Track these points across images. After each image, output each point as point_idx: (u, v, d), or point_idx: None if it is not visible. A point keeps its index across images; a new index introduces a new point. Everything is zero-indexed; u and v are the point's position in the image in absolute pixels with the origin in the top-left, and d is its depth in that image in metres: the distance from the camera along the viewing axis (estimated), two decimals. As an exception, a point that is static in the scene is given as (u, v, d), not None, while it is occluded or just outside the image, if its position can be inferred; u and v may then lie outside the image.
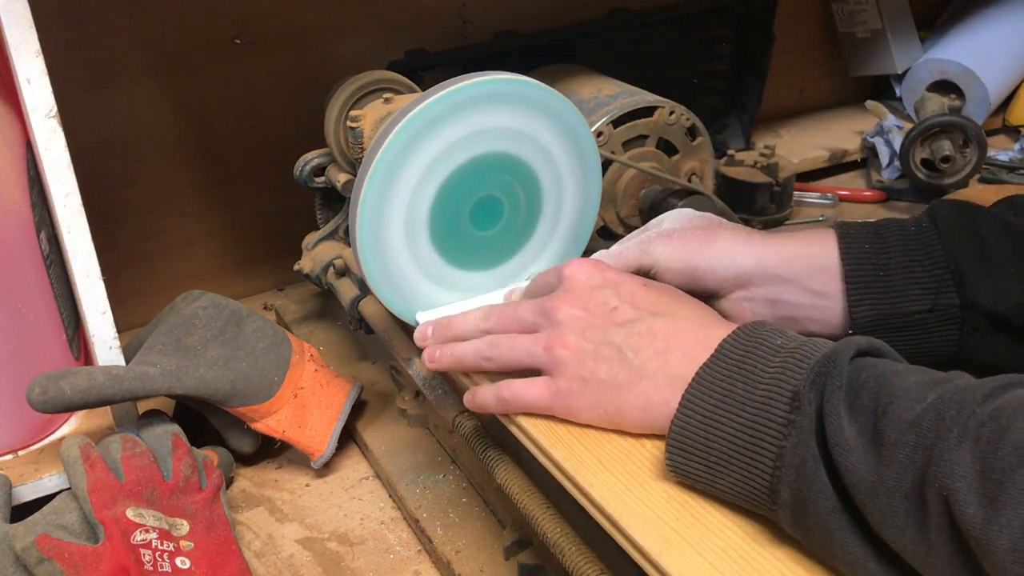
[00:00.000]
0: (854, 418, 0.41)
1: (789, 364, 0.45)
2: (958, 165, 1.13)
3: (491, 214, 0.69)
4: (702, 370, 0.47)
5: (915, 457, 0.38)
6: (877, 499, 0.39)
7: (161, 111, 0.95)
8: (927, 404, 0.39)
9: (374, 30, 1.01)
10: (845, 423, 0.40)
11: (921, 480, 0.37)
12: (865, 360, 0.44)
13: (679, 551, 0.44)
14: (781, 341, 0.46)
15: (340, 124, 0.83)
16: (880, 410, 0.40)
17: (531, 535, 0.63)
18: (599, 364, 0.51)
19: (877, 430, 0.40)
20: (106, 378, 0.68)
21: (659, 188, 0.91)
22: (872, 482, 0.39)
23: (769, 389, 0.44)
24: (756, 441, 0.44)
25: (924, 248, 0.57)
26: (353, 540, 0.72)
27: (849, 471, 0.40)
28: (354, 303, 0.82)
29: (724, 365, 0.47)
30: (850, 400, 0.41)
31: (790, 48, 1.26)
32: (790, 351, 0.45)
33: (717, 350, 0.47)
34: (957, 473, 0.36)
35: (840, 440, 0.40)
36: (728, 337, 0.48)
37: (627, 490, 0.48)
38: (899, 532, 0.38)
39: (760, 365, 0.46)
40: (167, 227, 1.00)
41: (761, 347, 0.46)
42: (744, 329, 0.48)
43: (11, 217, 0.69)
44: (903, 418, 0.39)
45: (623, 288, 0.54)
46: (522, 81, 0.65)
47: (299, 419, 0.76)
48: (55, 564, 0.59)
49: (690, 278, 0.60)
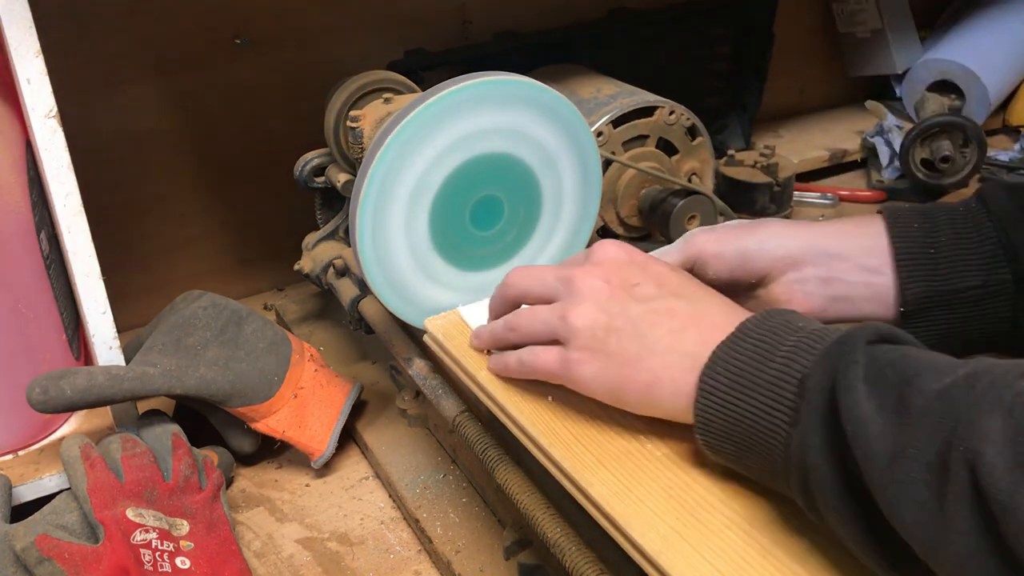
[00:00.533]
0: (875, 392, 0.39)
1: (803, 345, 0.44)
2: (958, 165, 1.13)
3: (491, 214, 0.69)
4: (719, 349, 0.46)
5: (941, 425, 0.36)
6: (896, 470, 0.37)
7: (161, 111, 0.95)
8: (958, 376, 0.38)
9: (374, 30, 1.01)
10: (862, 396, 0.39)
11: (946, 447, 0.36)
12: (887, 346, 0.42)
13: (679, 550, 0.44)
14: (802, 324, 0.46)
15: (340, 124, 0.83)
16: (905, 382, 0.39)
17: (531, 535, 0.63)
18: (610, 336, 0.50)
19: (902, 400, 0.39)
20: (106, 378, 0.68)
21: (659, 188, 0.91)
22: (891, 452, 0.37)
23: (780, 370, 0.44)
24: (769, 423, 0.44)
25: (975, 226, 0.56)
26: (353, 540, 0.72)
27: (865, 441, 0.38)
28: (354, 303, 0.82)
29: (741, 345, 0.46)
30: (872, 375, 0.40)
31: (790, 48, 1.26)
32: (807, 333, 0.45)
33: (738, 329, 0.47)
34: (987, 439, 0.34)
35: (856, 413, 0.39)
36: (749, 319, 0.47)
37: (627, 490, 0.48)
38: (917, 506, 0.36)
39: (775, 345, 0.45)
40: (167, 227, 1.00)
41: (780, 328, 0.46)
42: (766, 312, 0.47)
43: (11, 217, 0.69)
44: (931, 388, 0.38)
45: (650, 268, 0.53)
46: (522, 81, 0.65)
47: (299, 419, 0.77)
48: (55, 564, 0.59)
49: (740, 261, 0.58)
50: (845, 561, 0.43)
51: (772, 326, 0.46)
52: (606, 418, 0.54)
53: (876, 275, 0.57)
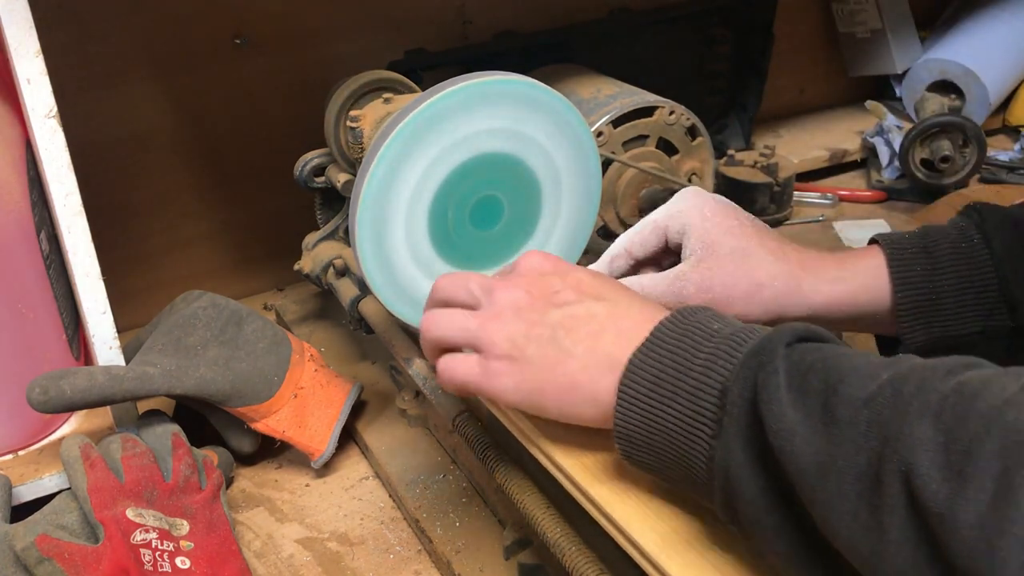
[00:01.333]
0: (800, 401, 0.39)
1: (720, 352, 0.43)
2: (957, 165, 1.14)
3: (491, 214, 0.69)
4: (636, 355, 0.46)
5: (870, 435, 0.36)
6: (826, 483, 0.36)
7: (161, 111, 0.95)
8: (882, 381, 0.37)
9: (374, 30, 1.01)
10: (787, 408, 0.38)
11: (877, 459, 0.35)
12: (807, 345, 0.42)
13: (679, 551, 0.44)
14: (718, 326, 0.45)
15: (340, 124, 0.83)
16: (830, 389, 0.38)
17: (531, 535, 0.63)
18: (529, 343, 0.49)
19: (827, 410, 0.38)
20: (106, 378, 0.68)
21: (659, 188, 0.91)
22: (821, 465, 0.37)
23: (699, 379, 0.43)
24: (689, 435, 0.43)
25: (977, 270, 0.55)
26: (353, 540, 0.72)
27: (794, 456, 0.37)
28: (354, 303, 0.82)
29: (658, 351, 0.45)
30: (796, 383, 0.39)
31: (790, 48, 1.26)
32: (724, 337, 0.44)
33: (651, 334, 0.46)
34: (918, 447, 0.33)
35: (782, 425, 0.38)
36: (663, 320, 0.46)
37: (627, 490, 0.48)
38: (849, 518, 0.35)
39: (692, 351, 0.44)
40: (167, 227, 1.00)
41: (696, 332, 0.45)
42: (681, 312, 0.47)
43: (11, 217, 0.69)
44: (856, 396, 0.37)
45: (570, 275, 0.53)
46: (522, 81, 0.65)
47: (299, 419, 0.76)
48: (55, 564, 0.59)
49: None
50: (845, 561, 0.43)
51: (687, 329, 0.45)
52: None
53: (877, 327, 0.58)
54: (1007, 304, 0.55)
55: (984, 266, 0.55)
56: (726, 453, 0.41)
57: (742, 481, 0.40)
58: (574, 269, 0.54)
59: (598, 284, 0.52)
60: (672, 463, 0.44)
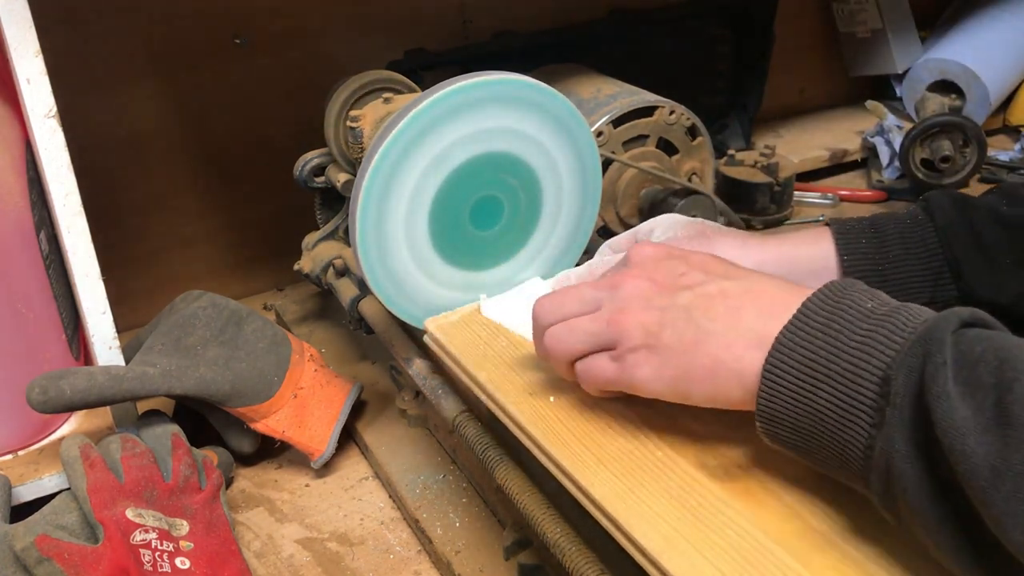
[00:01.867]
0: (970, 395, 0.37)
1: (878, 334, 0.41)
2: (957, 165, 1.13)
3: (491, 214, 0.69)
4: (783, 334, 0.44)
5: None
6: (1002, 487, 0.35)
7: (161, 111, 0.95)
8: None
9: (374, 30, 1.01)
10: (957, 403, 0.37)
11: None
12: (975, 331, 0.40)
13: (680, 551, 0.44)
14: (872, 305, 0.43)
15: (340, 124, 0.83)
16: (1004, 386, 0.36)
17: (531, 535, 0.63)
18: (664, 329, 0.48)
19: (1001, 406, 0.36)
20: (106, 378, 0.68)
21: (659, 188, 0.91)
22: (995, 467, 0.35)
23: (855, 362, 0.41)
24: (845, 421, 0.41)
25: (921, 241, 0.56)
26: (353, 540, 0.72)
27: (965, 456, 0.36)
28: (354, 303, 0.82)
29: (807, 329, 0.43)
30: (964, 375, 0.38)
31: (790, 48, 1.26)
32: (880, 317, 0.42)
33: (800, 311, 0.44)
34: None
35: (952, 423, 0.36)
36: (813, 296, 0.44)
37: (628, 490, 0.48)
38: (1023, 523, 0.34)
39: (847, 331, 0.42)
40: (167, 227, 1.00)
41: (849, 310, 0.43)
42: (831, 287, 0.45)
43: (11, 217, 0.69)
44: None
45: (692, 257, 0.51)
46: (522, 81, 0.65)
47: (299, 419, 0.76)
48: (55, 564, 0.59)
49: None
50: (847, 560, 0.43)
51: (839, 306, 0.43)
52: (607, 418, 0.54)
53: None
54: (952, 272, 0.55)
55: (929, 238, 0.56)
56: (889, 445, 0.39)
57: (906, 474, 0.39)
58: (694, 252, 0.52)
59: (725, 265, 0.51)
60: (822, 446, 0.43)
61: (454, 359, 0.62)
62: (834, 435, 0.42)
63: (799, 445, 0.44)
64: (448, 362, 0.63)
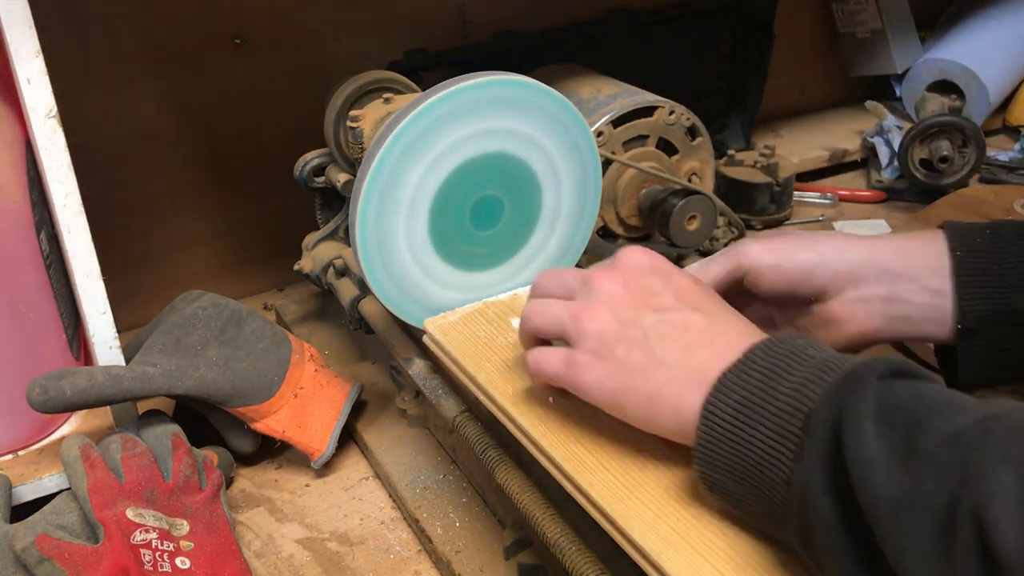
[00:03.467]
0: (883, 433, 0.37)
1: (812, 376, 0.42)
2: (956, 165, 1.14)
3: (491, 214, 0.69)
4: (725, 375, 0.44)
5: (950, 473, 0.35)
6: (901, 520, 0.35)
7: (161, 111, 0.95)
8: (971, 420, 0.36)
9: (374, 30, 1.01)
10: (870, 437, 0.37)
11: (954, 500, 0.34)
12: (902, 381, 0.40)
13: (679, 551, 0.44)
14: (813, 352, 0.44)
15: (340, 124, 0.83)
16: (916, 424, 0.37)
17: (531, 535, 0.63)
18: (620, 343, 0.48)
19: (910, 442, 0.37)
20: (106, 378, 0.68)
21: (659, 188, 0.92)
22: (897, 499, 0.36)
23: (787, 403, 0.42)
24: (771, 458, 0.42)
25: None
26: (353, 540, 0.72)
27: (870, 488, 0.36)
28: (354, 303, 0.82)
29: (748, 372, 0.44)
30: (884, 416, 0.38)
31: (790, 48, 1.26)
32: (818, 363, 0.43)
33: (744, 355, 0.45)
34: (996, 493, 0.33)
35: (862, 455, 0.37)
36: (759, 342, 0.45)
37: (627, 491, 0.48)
38: (921, 558, 0.35)
39: (783, 374, 0.43)
40: (167, 227, 1.00)
41: (790, 356, 0.44)
42: (779, 337, 0.45)
43: (11, 217, 0.69)
44: (942, 430, 0.36)
45: (672, 280, 0.51)
46: (522, 81, 0.65)
47: (299, 419, 0.77)
48: (55, 564, 0.59)
49: (798, 275, 0.56)
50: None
51: (781, 352, 0.44)
52: (606, 419, 0.53)
53: (939, 297, 0.55)
54: None
55: None
56: (805, 476, 0.39)
57: (819, 506, 0.39)
58: (677, 273, 0.52)
59: (699, 294, 0.51)
60: (751, 488, 0.43)
61: (453, 359, 0.62)
62: (763, 474, 0.42)
63: (731, 489, 0.44)
64: (447, 362, 0.63)
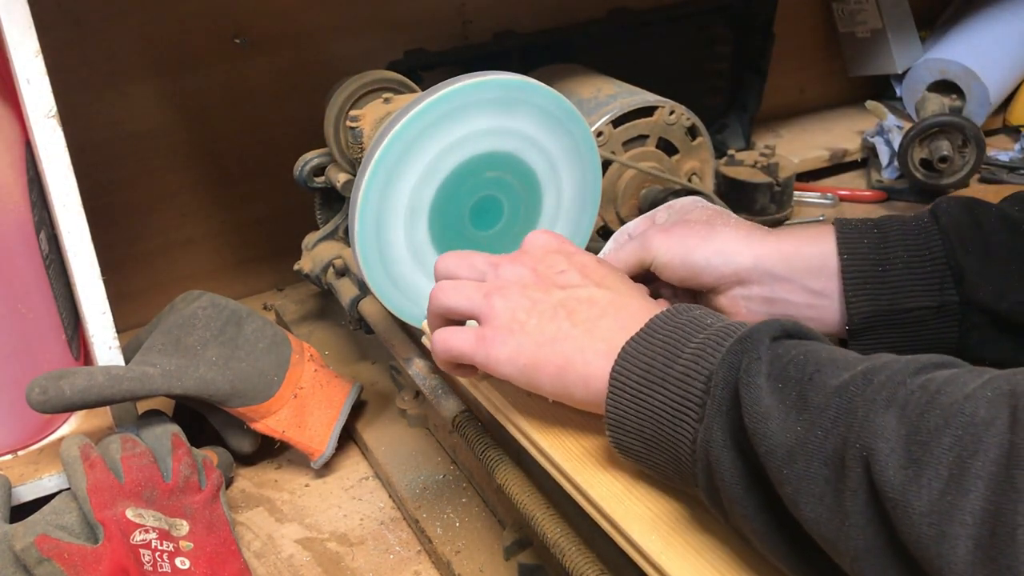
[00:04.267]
0: (776, 388, 0.40)
1: (710, 342, 0.44)
2: (956, 165, 1.13)
3: (491, 213, 0.69)
4: (629, 343, 0.47)
5: (838, 421, 0.37)
6: (795, 465, 0.38)
7: (161, 111, 0.95)
8: (856, 372, 0.39)
9: (374, 30, 1.01)
10: (765, 394, 0.40)
11: (843, 444, 0.37)
12: (792, 341, 0.43)
13: (679, 552, 0.44)
14: (711, 321, 0.46)
15: (340, 124, 0.83)
16: (806, 378, 0.40)
17: (531, 535, 0.63)
18: (530, 317, 0.51)
19: (801, 395, 0.39)
20: (106, 378, 0.68)
21: (659, 188, 0.91)
22: (791, 447, 0.38)
23: (687, 367, 0.44)
24: (676, 420, 0.44)
25: (925, 243, 0.56)
26: (353, 540, 0.72)
27: (766, 437, 0.39)
28: (354, 303, 0.82)
29: (650, 340, 0.46)
30: (775, 372, 0.41)
31: (790, 48, 1.26)
32: (715, 330, 0.45)
33: (647, 325, 0.47)
34: (880, 435, 0.35)
35: (757, 409, 0.40)
36: (658, 315, 0.48)
37: (626, 491, 0.48)
38: (816, 500, 0.37)
39: (683, 341, 0.45)
40: (167, 227, 1.00)
41: (689, 324, 0.46)
42: (677, 308, 0.48)
43: (11, 217, 0.69)
44: (829, 383, 0.39)
45: (576, 258, 0.55)
46: (522, 81, 0.65)
47: (299, 419, 0.76)
48: (55, 564, 0.59)
49: (689, 273, 0.60)
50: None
51: (681, 322, 0.47)
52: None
53: (820, 298, 0.58)
54: (954, 276, 0.55)
55: (933, 241, 0.56)
56: (707, 435, 0.42)
57: (722, 462, 0.41)
58: (579, 252, 0.56)
59: (602, 271, 0.54)
60: (659, 450, 0.46)
61: None
62: (668, 436, 0.45)
63: (641, 452, 0.47)
64: None
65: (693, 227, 0.61)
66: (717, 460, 0.41)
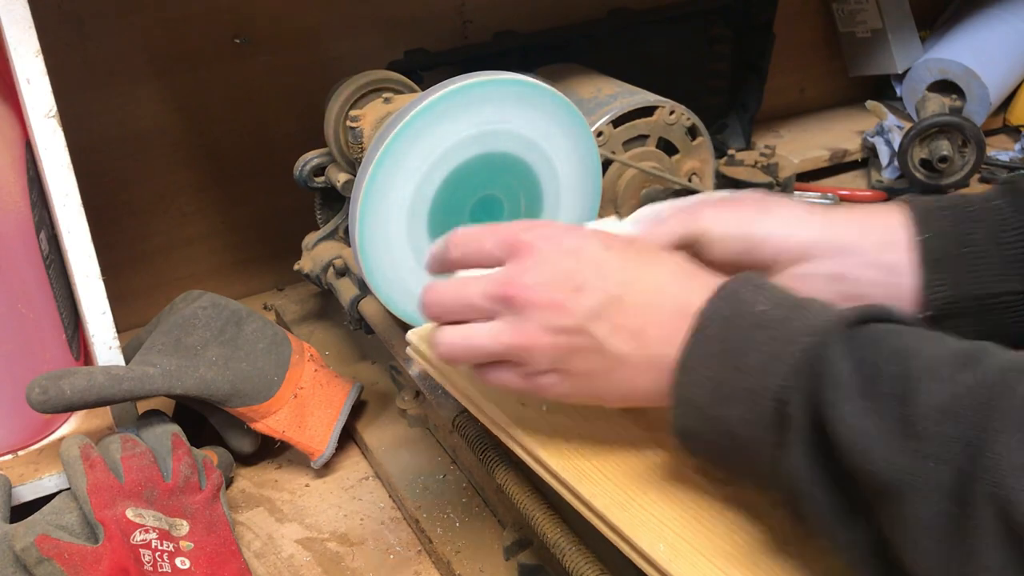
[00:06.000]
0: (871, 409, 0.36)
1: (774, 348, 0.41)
2: (956, 165, 1.13)
3: (491, 213, 0.69)
4: (684, 356, 0.44)
5: (953, 450, 0.33)
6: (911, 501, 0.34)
7: (161, 111, 0.95)
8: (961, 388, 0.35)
9: (374, 30, 1.01)
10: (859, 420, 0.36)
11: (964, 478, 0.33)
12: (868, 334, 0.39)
13: (688, 558, 0.44)
14: (762, 308, 0.42)
15: (340, 124, 0.83)
16: (906, 398, 0.36)
17: (531, 535, 0.63)
18: (573, 356, 0.47)
19: (904, 420, 0.35)
20: (106, 378, 0.68)
21: (659, 188, 0.91)
22: (902, 483, 0.34)
23: (756, 380, 0.41)
24: (752, 441, 0.41)
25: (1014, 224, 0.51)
26: (353, 540, 0.72)
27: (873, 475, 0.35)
28: (354, 303, 0.82)
29: (706, 348, 0.43)
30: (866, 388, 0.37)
31: (790, 48, 1.26)
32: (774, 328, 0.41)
33: (695, 329, 0.43)
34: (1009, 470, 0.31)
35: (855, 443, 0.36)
36: (705, 310, 0.44)
37: (630, 499, 0.48)
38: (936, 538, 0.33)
39: (743, 347, 0.42)
40: (167, 227, 1.00)
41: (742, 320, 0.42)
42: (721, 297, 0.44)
43: (11, 217, 0.69)
44: (934, 404, 0.35)
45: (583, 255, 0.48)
46: (522, 81, 0.65)
47: (299, 419, 0.76)
48: (55, 564, 0.59)
49: (747, 247, 0.53)
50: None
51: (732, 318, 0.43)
52: (602, 426, 0.53)
53: (893, 274, 0.52)
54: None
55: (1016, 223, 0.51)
56: (792, 469, 0.39)
57: (813, 498, 0.38)
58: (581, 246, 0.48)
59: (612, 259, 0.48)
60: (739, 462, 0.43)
61: (439, 370, 0.60)
62: (746, 455, 0.42)
63: (716, 460, 0.45)
64: (433, 373, 0.61)
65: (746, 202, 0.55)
66: (809, 496, 0.38)
